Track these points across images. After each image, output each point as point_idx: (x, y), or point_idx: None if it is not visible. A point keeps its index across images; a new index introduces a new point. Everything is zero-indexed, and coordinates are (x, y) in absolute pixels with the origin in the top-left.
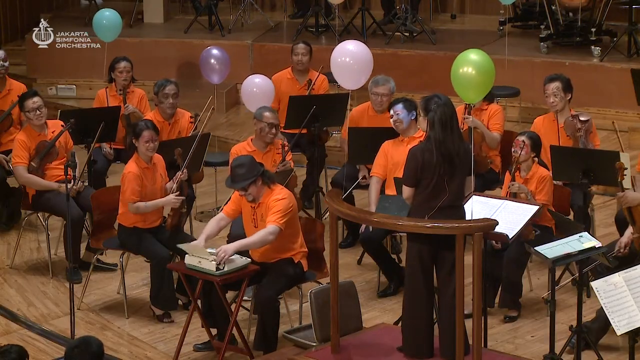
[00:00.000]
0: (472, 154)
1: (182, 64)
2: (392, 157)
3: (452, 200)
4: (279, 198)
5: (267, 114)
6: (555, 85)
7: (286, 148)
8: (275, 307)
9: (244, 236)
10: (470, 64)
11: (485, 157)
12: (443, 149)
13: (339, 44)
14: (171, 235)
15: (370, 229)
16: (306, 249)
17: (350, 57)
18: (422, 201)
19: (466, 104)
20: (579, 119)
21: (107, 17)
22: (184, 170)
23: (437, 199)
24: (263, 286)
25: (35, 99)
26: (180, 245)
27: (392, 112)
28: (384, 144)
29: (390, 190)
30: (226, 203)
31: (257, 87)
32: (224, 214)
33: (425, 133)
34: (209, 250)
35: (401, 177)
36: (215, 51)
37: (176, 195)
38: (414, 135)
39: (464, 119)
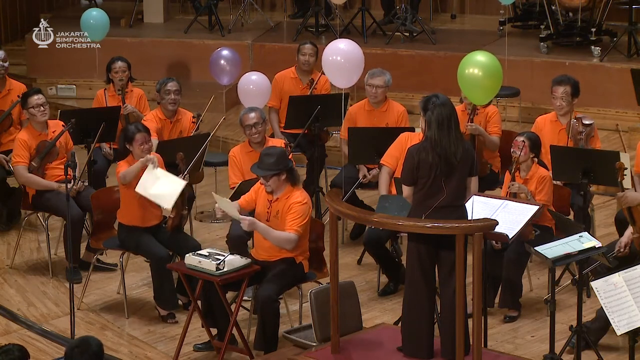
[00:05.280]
0: (474, 156)
1: (182, 64)
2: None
3: (450, 200)
4: (301, 202)
5: (245, 116)
6: (564, 89)
7: (289, 148)
8: (275, 307)
9: (243, 237)
10: (477, 66)
11: (485, 162)
12: (439, 148)
13: (330, 43)
14: (171, 235)
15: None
16: (308, 252)
17: (342, 56)
18: (420, 200)
19: (468, 107)
20: (582, 122)
21: (95, 17)
22: (186, 175)
23: (434, 198)
24: (263, 286)
25: (40, 95)
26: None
27: None
28: (402, 136)
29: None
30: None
31: (253, 85)
32: (238, 205)
33: (422, 132)
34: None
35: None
36: (225, 52)
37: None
38: None
39: (467, 126)
